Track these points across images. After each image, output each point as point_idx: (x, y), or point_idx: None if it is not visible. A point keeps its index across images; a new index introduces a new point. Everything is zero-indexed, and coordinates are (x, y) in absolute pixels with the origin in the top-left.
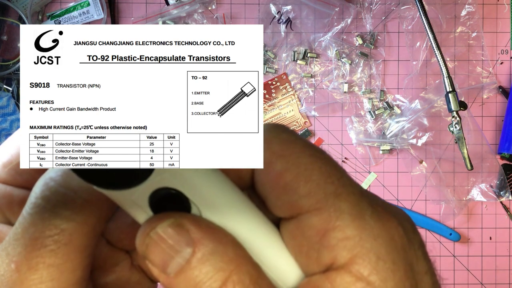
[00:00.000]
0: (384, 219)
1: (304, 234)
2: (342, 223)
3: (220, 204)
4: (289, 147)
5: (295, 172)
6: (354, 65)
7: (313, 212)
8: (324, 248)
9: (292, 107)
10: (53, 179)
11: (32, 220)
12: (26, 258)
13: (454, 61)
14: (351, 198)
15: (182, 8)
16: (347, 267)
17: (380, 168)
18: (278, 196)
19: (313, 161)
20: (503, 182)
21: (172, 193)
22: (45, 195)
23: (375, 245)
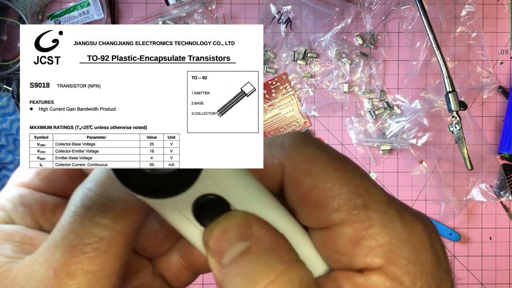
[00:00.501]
0: (410, 224)
1: (335, 242)
2: (373, 231)
3: (259, 208)
4: (315, 163)
5: (323, 188)
6: (354, 65)
7: (344, 224)
8: (357, 256)
9: (292, 107)
10: (92, 189)
11: (72, 228)
12: (65, 264)
13: (454, 61)
14: (379, 207)
15: (182, 8)
16: (381, 269)
17: (380, 168)
18: (308, 211)
19: (339, 175)
20: (503, 182)
21: (213, 199)
22: (85, 204)
23: (404, 250)
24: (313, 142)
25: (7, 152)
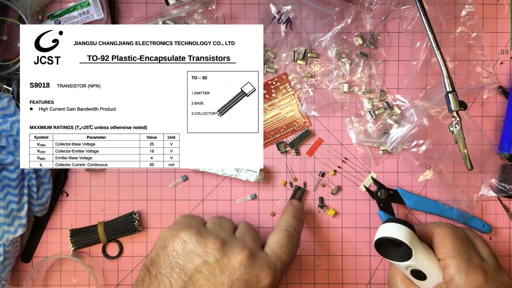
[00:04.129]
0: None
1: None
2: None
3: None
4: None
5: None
6: (354, 65)
7: (443, 260)
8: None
9: (292, 107)
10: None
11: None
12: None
13: (454, 61)
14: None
15: (182, 8)
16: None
17: (380, 168)
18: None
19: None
20: (508, 179)
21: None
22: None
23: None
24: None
25: (7, 153)
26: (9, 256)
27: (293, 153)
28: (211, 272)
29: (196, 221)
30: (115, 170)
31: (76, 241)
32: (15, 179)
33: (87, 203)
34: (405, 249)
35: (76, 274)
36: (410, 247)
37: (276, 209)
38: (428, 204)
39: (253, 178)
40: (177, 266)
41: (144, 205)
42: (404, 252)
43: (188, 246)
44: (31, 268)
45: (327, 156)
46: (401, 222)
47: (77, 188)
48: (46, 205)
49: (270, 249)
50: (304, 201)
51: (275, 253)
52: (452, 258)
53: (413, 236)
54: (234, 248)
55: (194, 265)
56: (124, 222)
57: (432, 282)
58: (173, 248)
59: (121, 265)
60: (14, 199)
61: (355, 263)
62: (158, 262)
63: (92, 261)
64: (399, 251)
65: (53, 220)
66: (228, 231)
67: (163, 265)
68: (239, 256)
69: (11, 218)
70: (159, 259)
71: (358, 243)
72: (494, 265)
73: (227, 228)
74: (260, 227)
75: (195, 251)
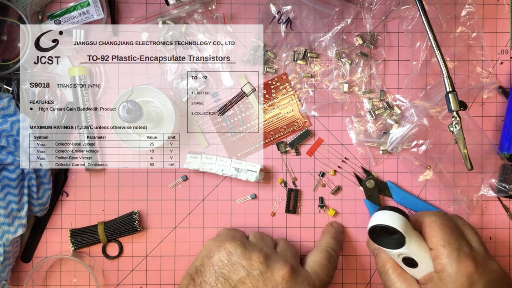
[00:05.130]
0: (461, 265)
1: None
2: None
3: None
4: (431, 226)
5: (430, 238)
6: (354, 65)
7: (433, 250)
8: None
9: (292, 107)
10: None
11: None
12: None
13: (454, 61)
14: (450, 248)
15: (182, 8)
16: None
17: (380, 168)
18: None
19: (440, 230)
20: (508, 179)
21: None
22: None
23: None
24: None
25: (7, 153)
26: (9, 256)
27: (293, 153)
28: (254, 284)
29: (239, 234)
30: (115, 170)
31: (76, 241)
32: (15, 179)
33: (87, 203)
34: (398, 236)
35: (76, 274)
36: (404, 235)
37: (275, 209)
38: (414, 202)
39: (253, 178)
40: (222, 276)
41: (144, 205)
42: (398, 240)
43: (233, 257)
44: (31, 268)
45: (327, 156)
46: (395, 210)
47: (77, 188)
48: (46, 205)
49: (310, 267)
50: (340, 224)
51: (315, 271)
52: (442, 248)
53: (407, 224)
54: (277, 263)
55: (238, 276)
56: (124, 222)
57: (423, 269)
58: (219, 258)
59: (121, 265)
60: (14, 199)
61: (355, 263)
62: (203, 271)
63: (92, 261)
64: (393, 239)
65: (53, 220)
66: (270, 246)
67: (208, 274)
68: (282, 271)
69: (11, 218)
70: (204, 268)
71: (358, 243)
72: (483, 253)
73: (269, 243)
74: (260, 227)
75: (240, 263)
